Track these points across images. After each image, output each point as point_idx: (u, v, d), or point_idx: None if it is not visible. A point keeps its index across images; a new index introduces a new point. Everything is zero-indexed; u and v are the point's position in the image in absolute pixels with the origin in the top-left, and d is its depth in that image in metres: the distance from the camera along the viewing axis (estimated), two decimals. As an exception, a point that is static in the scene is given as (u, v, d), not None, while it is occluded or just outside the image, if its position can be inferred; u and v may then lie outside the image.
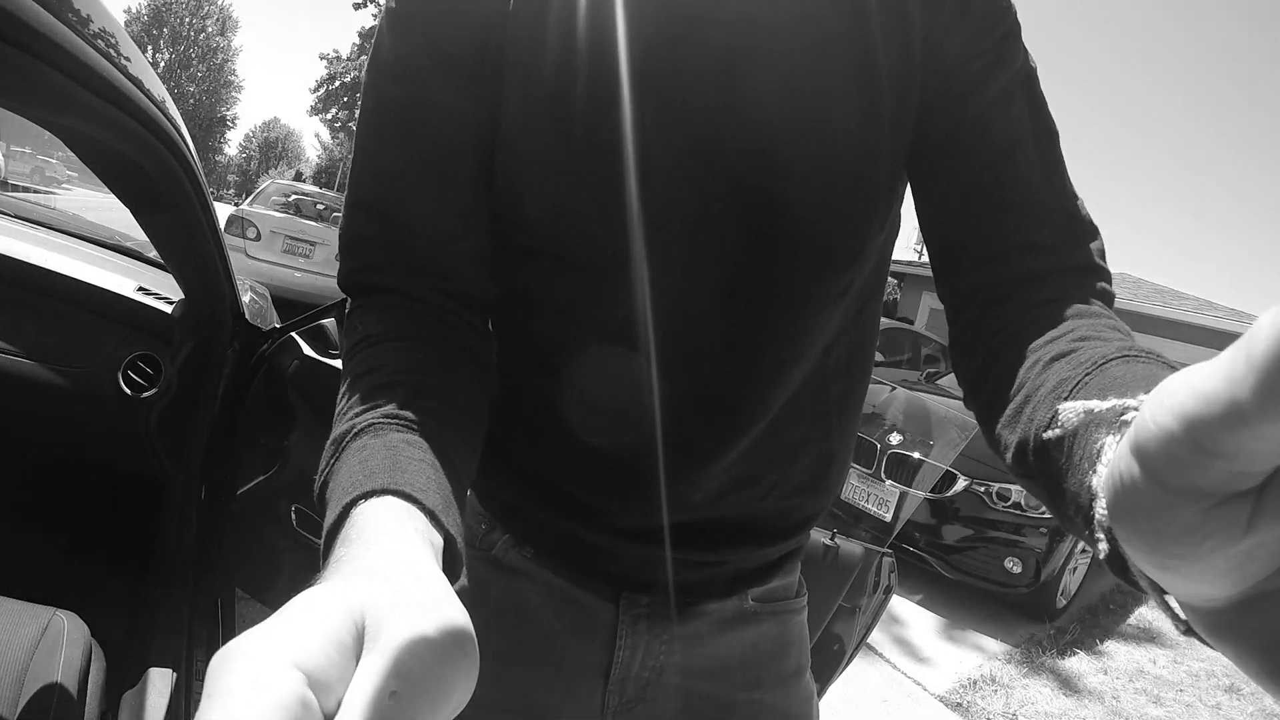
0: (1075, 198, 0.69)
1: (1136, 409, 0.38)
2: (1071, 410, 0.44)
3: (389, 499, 0.46)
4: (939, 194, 0.72)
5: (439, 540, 0.46)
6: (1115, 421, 0.39)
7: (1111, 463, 0.29)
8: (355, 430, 0.55)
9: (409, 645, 0.31)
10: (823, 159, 0.67)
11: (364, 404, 0.59)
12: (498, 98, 0.71)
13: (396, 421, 0.56)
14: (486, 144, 0.72)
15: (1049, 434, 0.46)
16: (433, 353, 0.67)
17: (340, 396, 0.65)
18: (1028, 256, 0.66)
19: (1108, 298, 0.64)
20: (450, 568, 0.47)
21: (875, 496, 5.05)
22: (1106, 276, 0.66)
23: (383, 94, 0.72)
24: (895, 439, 5.09)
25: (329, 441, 0.57)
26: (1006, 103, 0.68)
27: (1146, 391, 0.38)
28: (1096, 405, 0.41)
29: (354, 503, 0.46)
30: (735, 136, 0.67)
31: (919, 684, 3.63)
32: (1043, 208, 0.67)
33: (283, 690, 0.28)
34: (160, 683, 1.46)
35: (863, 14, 0.67)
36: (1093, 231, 0.68)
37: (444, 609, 0.34)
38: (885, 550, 1.63)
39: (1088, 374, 0.48)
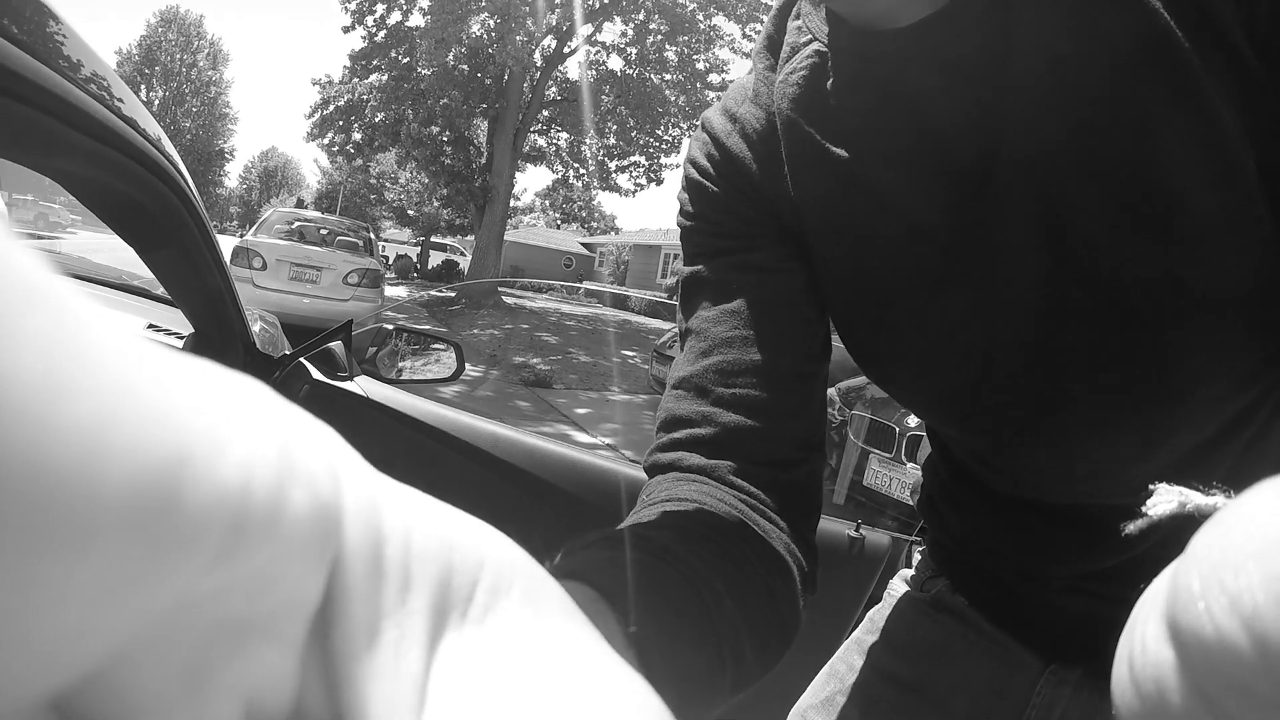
0: None
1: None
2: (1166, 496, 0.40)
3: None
4: None
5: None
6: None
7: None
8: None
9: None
10: (1196, 285, 0.59)
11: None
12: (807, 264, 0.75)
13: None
14: (804, 307, 0.75)
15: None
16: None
17: None
18: None
19: None
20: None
21: (898, 480, 5.03)
22: None
23: (698, 284, 0.77)
24: (914, 420, 5.07)
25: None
26: None
27: None
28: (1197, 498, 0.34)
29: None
30: (1081, 290, 0.62)
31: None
32: None
33: None
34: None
35: (1181, 70, 0.56)
36: None
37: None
38: (913, 538, 1.62)
39: None
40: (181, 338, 1.93)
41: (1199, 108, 0.55)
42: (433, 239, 40.34)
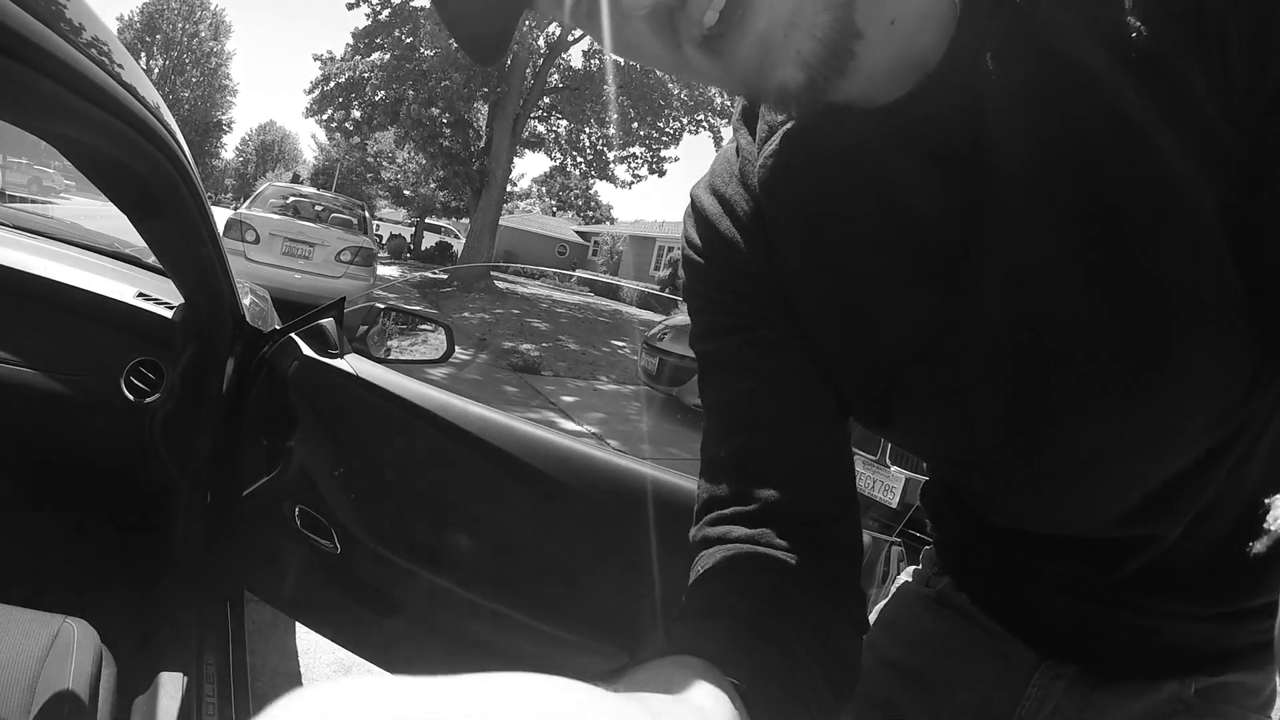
0: None
1: None
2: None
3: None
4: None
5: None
6: None
7: None
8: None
9: None
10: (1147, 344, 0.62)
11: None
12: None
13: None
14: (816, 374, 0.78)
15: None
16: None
17: None
18: None
19: None
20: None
21: (881, 483, 5.05)
22: None
23: (713, 361, 0.80)
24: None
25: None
26: None
27: None
28: None
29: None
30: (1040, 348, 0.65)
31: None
32: None
33: None
34: (171, 686, 1.46)
35: (1154, 156, 0.57)
36: None
37: None
38: (894, 539, 1.63)
39: None
40: (171, 307, 1.93)
41: (1173, 191, 0.57)
42: (427, 220, 40.18)
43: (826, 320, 0.74)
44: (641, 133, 23.65)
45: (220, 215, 8.75)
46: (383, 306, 2.12)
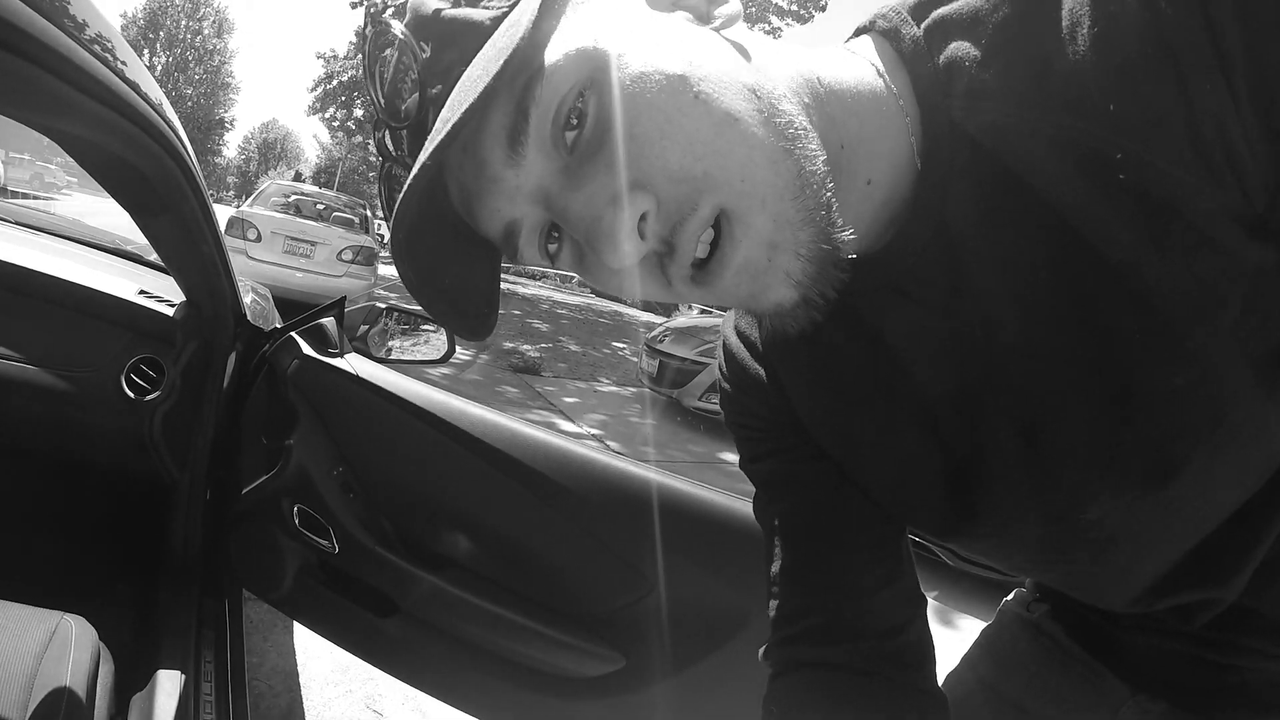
0: None
1: None
2: None
3: None
4: None
5: None
6: None
7: None
8: None
9: None
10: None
11: None
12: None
13: None
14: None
15: None
16: None
17: None
18: None
19: None
20: None
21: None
22: None
23: (763, 480, 0.86)
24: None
25: None
26: None
27: None
28: None
29: None
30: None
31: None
32: None
33: None
34: (169, 684, 1.46)
35: (1141, 294, 0.55)
36: None
37: None
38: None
39: None
40: (173, 305, 1.93)
41: (1172, 324, 0.55)
42: (429, 220, 39.99)
43: (854, 460, 0.79)
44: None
45: (222, 213, 8.75)
46: (384, 306, 2.11)
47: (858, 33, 0.67)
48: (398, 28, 0.59)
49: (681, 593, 1.50)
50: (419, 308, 0.77)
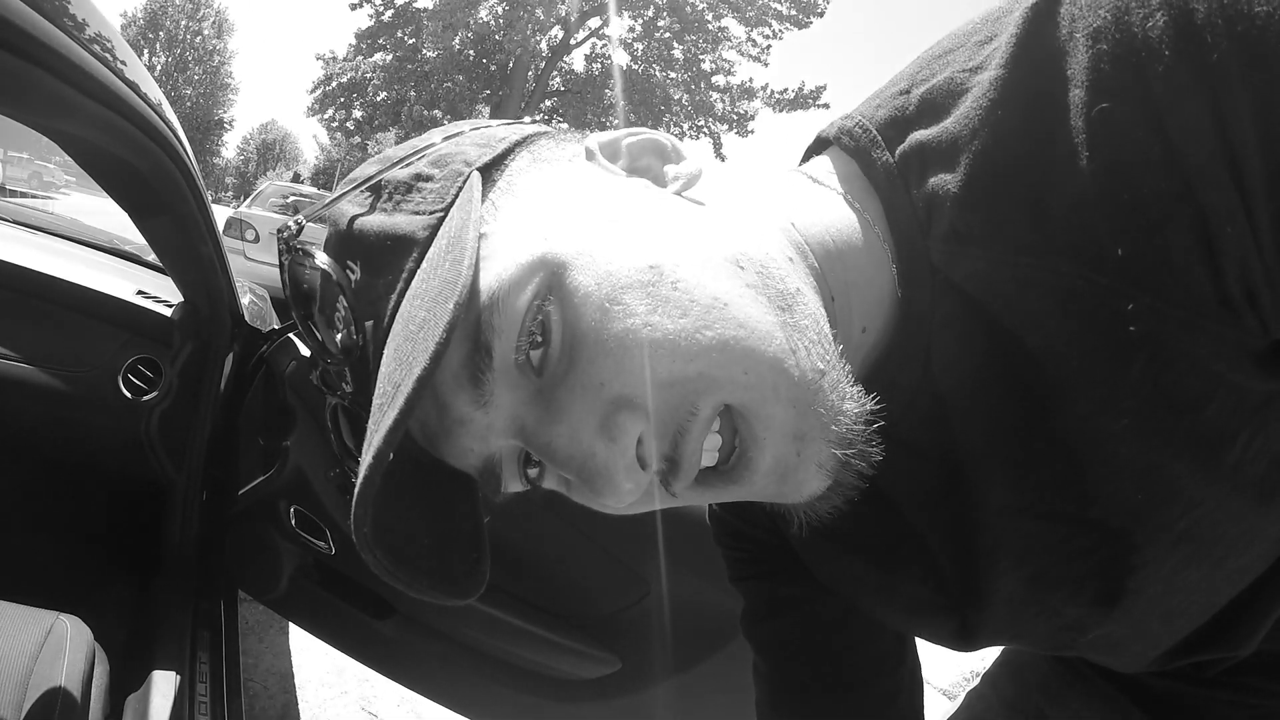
0: None
1: None
2: None
3: None
4: None
5: None
6: None
7: None
8: None
9: None
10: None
11: None
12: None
13: None
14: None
15: None
16: None
17: None
18: None
19: None
20: None
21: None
22: None
23: (750, 595, 0.86)
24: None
25: None
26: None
27: None
28: None
29: None
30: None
31: (925, 680, 3.65)
32: None
33: None
34: (164, 685, 1.46)
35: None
36: None
37: None
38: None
39: None
40: (170, 305, 1.93)
41: (1167, 476, 0.52)
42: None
43: (852, 598, 0.77)
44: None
45: (221, 214, 8.74)
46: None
47: (819, 144, 0.62)
48: (320, 258, 0.53)
49: (678, 596, 1.50)
50: None
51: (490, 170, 0.54)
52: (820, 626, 0.80)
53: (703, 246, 0.50)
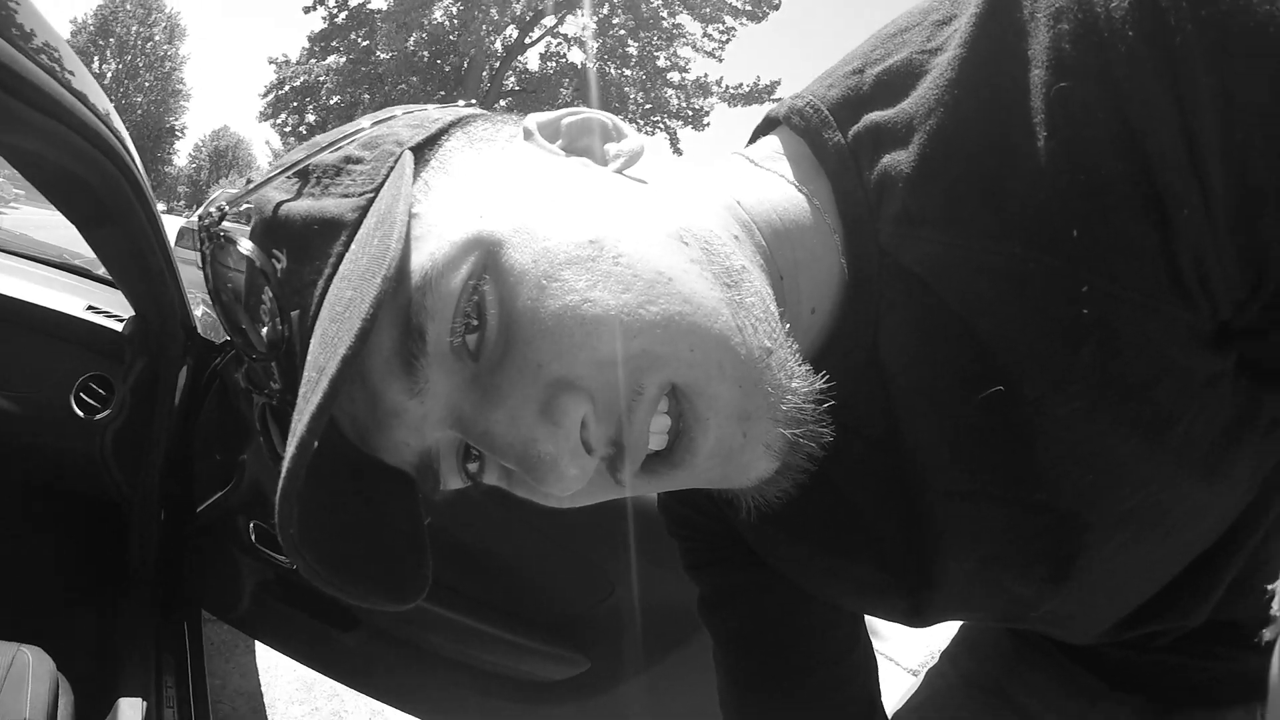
0: None
1: None
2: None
3: None
4: None
5: None
6: None
7: None
8: None
9: None
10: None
11: None
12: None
13: None
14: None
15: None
16: None
17: None
18: None
19: None
20: None
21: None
22: None
23: (705, 584, 0.86)
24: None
25: None
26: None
27: None
28: None
29: None
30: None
31: (892, 660, 3.68)
32: None
33: None
34: (131, 713, 1.43)
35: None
36: None
37: None
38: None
39: None
40: (121, 320, 1.89)
41: (1115, 458, 0.52)
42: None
43: (802, 582, 0.77)
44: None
45: (172, 224, 8.60)
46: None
47: (767, 124, 0.61)
48: (244, 245, 0.50)
49: (643, 591, 1.50)
50: None
51: (423, 150, 0.52)
52: (773, 611, 0.80)
53: (645, 222, 0.49)
